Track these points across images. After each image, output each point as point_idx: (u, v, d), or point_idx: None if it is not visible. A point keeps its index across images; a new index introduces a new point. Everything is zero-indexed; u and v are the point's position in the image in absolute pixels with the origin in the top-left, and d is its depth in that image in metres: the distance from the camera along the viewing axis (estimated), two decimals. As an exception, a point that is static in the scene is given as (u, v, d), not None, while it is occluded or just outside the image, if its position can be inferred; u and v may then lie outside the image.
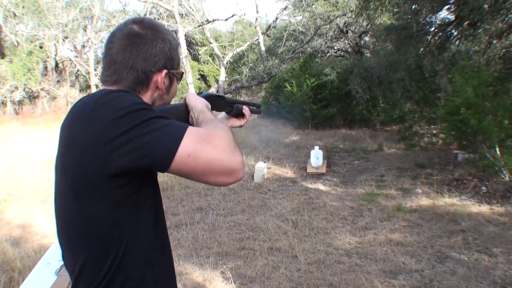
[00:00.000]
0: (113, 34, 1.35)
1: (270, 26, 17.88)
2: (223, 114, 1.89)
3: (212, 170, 1.16)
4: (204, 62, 25.90)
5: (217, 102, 1.71)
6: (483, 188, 6.87)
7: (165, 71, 1.36)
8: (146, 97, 1.35)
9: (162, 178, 7.48)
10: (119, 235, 1.19)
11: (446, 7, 9.87)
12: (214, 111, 1.71)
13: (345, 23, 17.04)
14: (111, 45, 1.32)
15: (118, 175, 1.13)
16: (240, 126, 1.91)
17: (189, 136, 1.14)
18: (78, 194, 1.17)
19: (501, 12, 7.81)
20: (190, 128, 1.17)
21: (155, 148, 1.11)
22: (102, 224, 1.17)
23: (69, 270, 1.28)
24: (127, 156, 1.10)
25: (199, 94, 1.64)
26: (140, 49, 1.31)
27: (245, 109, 1.83)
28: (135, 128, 1.10)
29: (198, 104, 1.49)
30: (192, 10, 15.66)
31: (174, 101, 1.52)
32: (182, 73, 1.50)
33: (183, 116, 1.50)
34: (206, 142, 1.16)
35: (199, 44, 24.27)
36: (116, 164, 1.10)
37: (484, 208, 6.08)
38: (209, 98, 1.63)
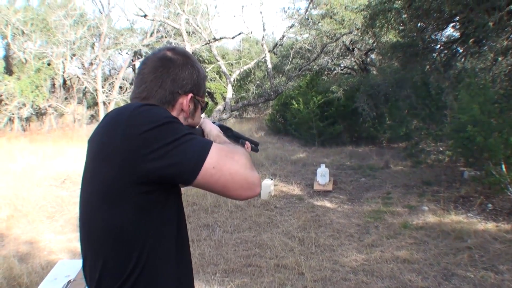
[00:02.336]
0: (147, 57, 1.48)
1: (276, 44, 17.93)
2: None
3: (233, 183, 1.25)
4: (211, 80, 25.97)
5: (225, 133, 1.79)
6: (489, 205, 6.86)
7: (190, 95, 1.47)
8: None
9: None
10: (143, 241, 1.25)
11: (451, 24, 9.95)
12: None
13: (351, 41, 17.11)
14: (144, 66, 1.45)
15: (146, 183, 1.20)
16: None
17: (214, 150, 1.24)
18: (106, 199, 1.24)
19: (506, 29, 7.85)
20: (214, 144, 1.27)
21: (184, 159, 1.19)
22: (127, 230, 1.24)
23: (89, 277, 1.32)
24: (157, 163, 1.18)
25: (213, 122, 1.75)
26: (170, 71, 1.42)
27: (247, 145, 1.90)
28: (165, 139, 1.19)
29: (214, 130, 1.63)
30: (199, 28, 15.75)
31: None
32: (207, 103, 1.61)
33: None
34: (228, 157, 1.26)
35: (206, 61, 24.35)
36: (145, 171, 1.18)
37: (490, 225, 6.06)
38: (219, 127, 1.74)
